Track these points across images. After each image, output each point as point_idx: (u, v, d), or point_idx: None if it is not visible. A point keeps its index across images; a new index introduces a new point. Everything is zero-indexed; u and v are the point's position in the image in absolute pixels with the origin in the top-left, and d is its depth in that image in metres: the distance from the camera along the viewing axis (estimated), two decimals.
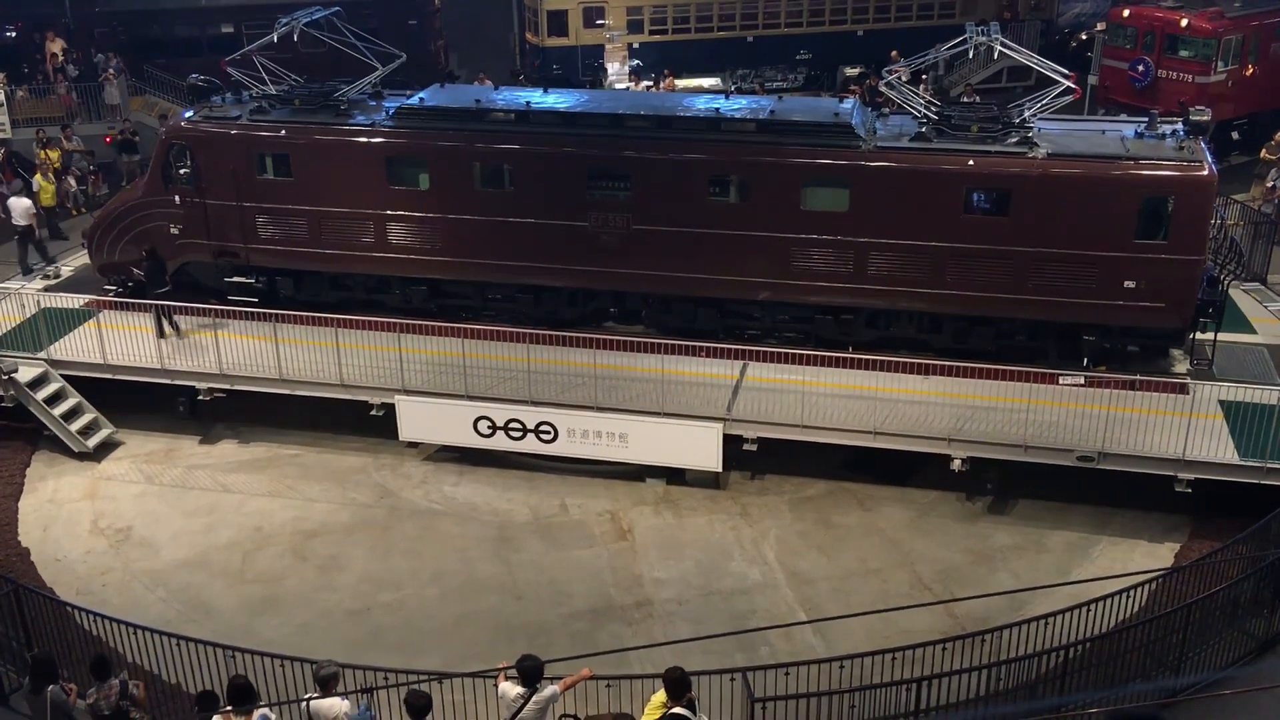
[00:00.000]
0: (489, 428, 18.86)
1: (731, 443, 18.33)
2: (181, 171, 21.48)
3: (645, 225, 20.02)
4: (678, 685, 11.54)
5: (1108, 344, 19.32)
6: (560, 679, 12.12)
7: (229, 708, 11.90)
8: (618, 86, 32.64)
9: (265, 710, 12.15)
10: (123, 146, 30.18)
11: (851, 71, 36.53)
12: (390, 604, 16.60)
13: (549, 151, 20.18)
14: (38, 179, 27.17)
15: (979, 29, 19.98)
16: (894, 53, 29.83)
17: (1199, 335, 19.55)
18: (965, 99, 28.40)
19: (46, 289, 22.73)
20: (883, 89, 20.64)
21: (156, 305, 20.40)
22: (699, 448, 18.34)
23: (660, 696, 11.69)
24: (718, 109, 20.38)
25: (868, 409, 18.05)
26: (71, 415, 20.08)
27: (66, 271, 24.05)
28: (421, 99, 21.35)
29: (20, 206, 25.17)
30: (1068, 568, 17.01)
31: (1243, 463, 16.87)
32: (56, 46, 33.39)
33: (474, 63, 38.29)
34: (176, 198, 21.54)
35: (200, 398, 20.18)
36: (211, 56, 28.45)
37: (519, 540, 17.92)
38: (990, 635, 13.76)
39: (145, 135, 30.77)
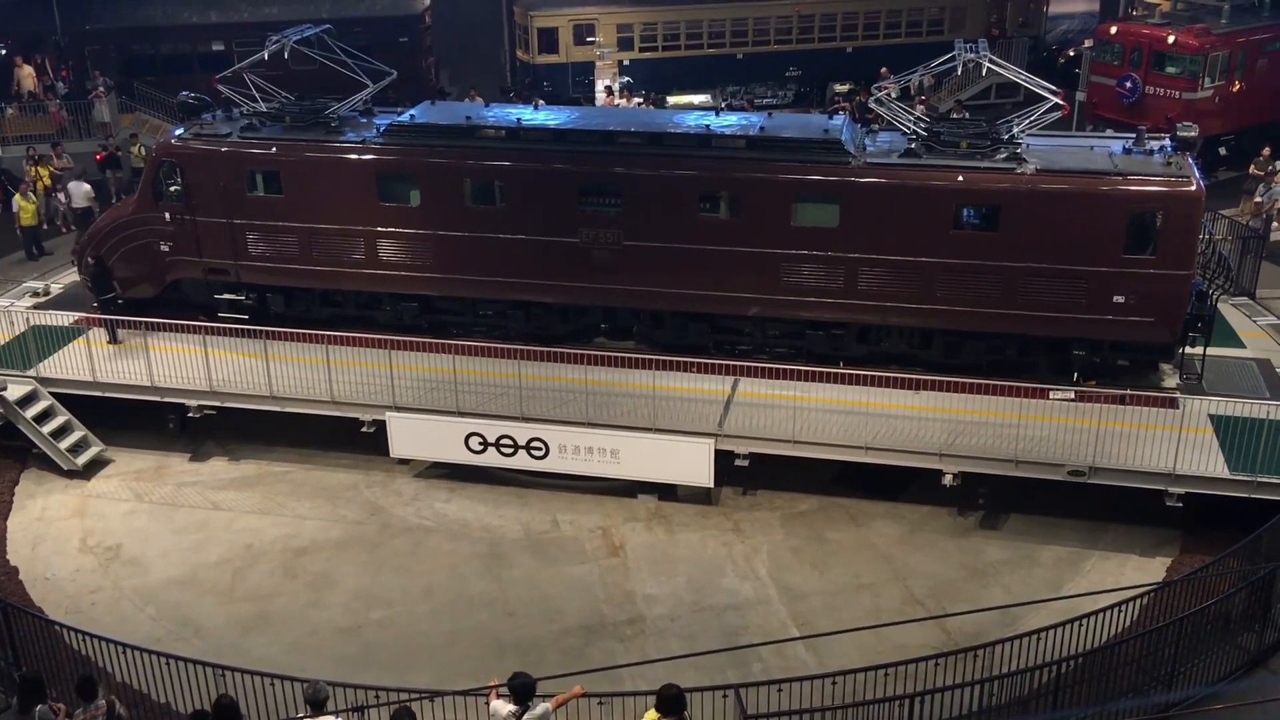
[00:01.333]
0: (480, 444, 18.83)
1: (723, 458, 18.33)
2: (172, 189, 21.45)
3: (636, 241, 20.05)
4: (671, 703, 11.50)
5: (1097, 358, 19.37)
6: (552, 696, 12.08)
7: None
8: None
9: None
10: (107, 163, 30.23)
11: (841, 88, 36.71)
12: (381, 621, 16.54)
13: (540, 168, 20.22)
14: (17, 199, 27.10)
15: (967, 46, 20.09)
16: (884, 69, 29.97)
17: (1188, 350, 19.61)
18: (954, 115, 28.54)
19: (36, 306, 22.67)
20: (872, 105, 20.72)
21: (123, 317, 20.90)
22: (690, 463, 18.33)
23: (651, 715, 11.64)
24: (708, 126, 20.44)
25: (859, 424, 18.07)
26: (61, 433, 20.01)
27: (56, 289, 23.97)
28: (412, 116, 21.38)
29: (80, 190, 27.20)
30: (1059, 582, 17.02)
31: (1233, 476, 16.90)
32: (26, 73, 33.22)
33: (465, 80, 38.38)
34: (167, 215, 21.51)
35: (190, 415, 20.14)
36: (202, 74, 28.49)
37: (510, 557, 17.87)
38: (982, 650, 13.75)
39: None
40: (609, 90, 34.27)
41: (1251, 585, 14.93)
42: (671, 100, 35.59)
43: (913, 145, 19.58)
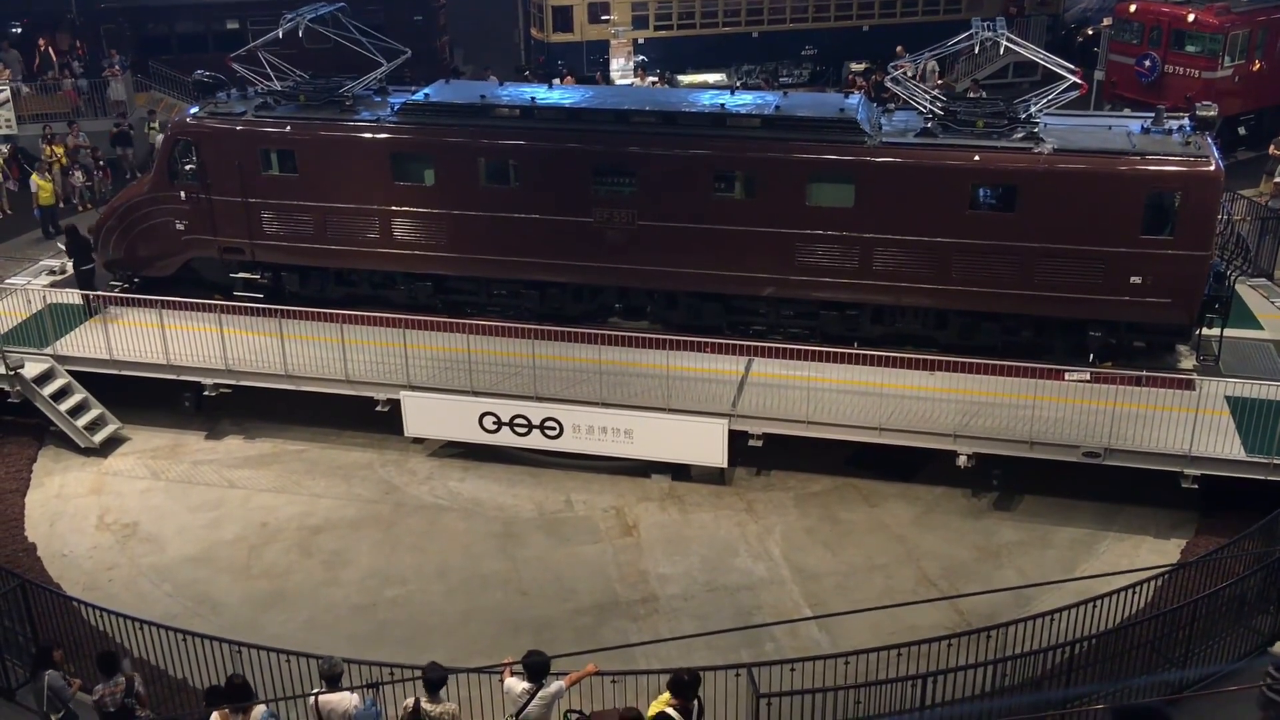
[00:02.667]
0: (494, 423, 18.87)
1: (737, 438, 18.32)
2: (187, 168, 21.49)
3: (650, 221, 20.01)
4: (683, 687, 11.50)
5: (1114, 340, 19.28)
6: (566, 674, 12.14)
7: (225, 707, 11.94)
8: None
9: (262, 707, 12.18)
10: (117, 139, 30.33)
11: (857, 67, 36.51)
12: (396, 599, 16.63)
13: (554, 147, 20.17)
14: (34, 179, 27.16)
15: (985, 24, 19.94)
16: (899, 48, 29.81)
17: (1205, 331, 19.50)
18: (971, 94, 28.35)
19: (53, 285, 22.76)
20: (888, 84, 20.59)
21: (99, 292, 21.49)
22: (704, 443, 18.34)
23: (664, 698, 11.65)
24: (723, 105, 20.35)
25: (873, 405, 18.04)
26: (78, 411, 20.12)
27: (73, 267, 24.03)
28: (426, 95, 21.35)
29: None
30: (1073, 564, 17.00)
31: (1249, 459, 16.83)
32: (13, 57, 32.98)
33: (479, 59, 38.30)
34: (182, 194, 21.56)
35: (206, 393, 20.22)
36: (217, 53, 28.50)
37: (524, 536, 17.93)
38: (996, 631, 13.76)
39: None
40: (565, 73, 33.62)
41: (1267, 567, 14.87)
42: (685, 80, 35.43)
43: (929, 125, 19.47)
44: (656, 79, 33.81)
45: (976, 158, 18.82)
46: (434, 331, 20.00)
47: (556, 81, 29.12)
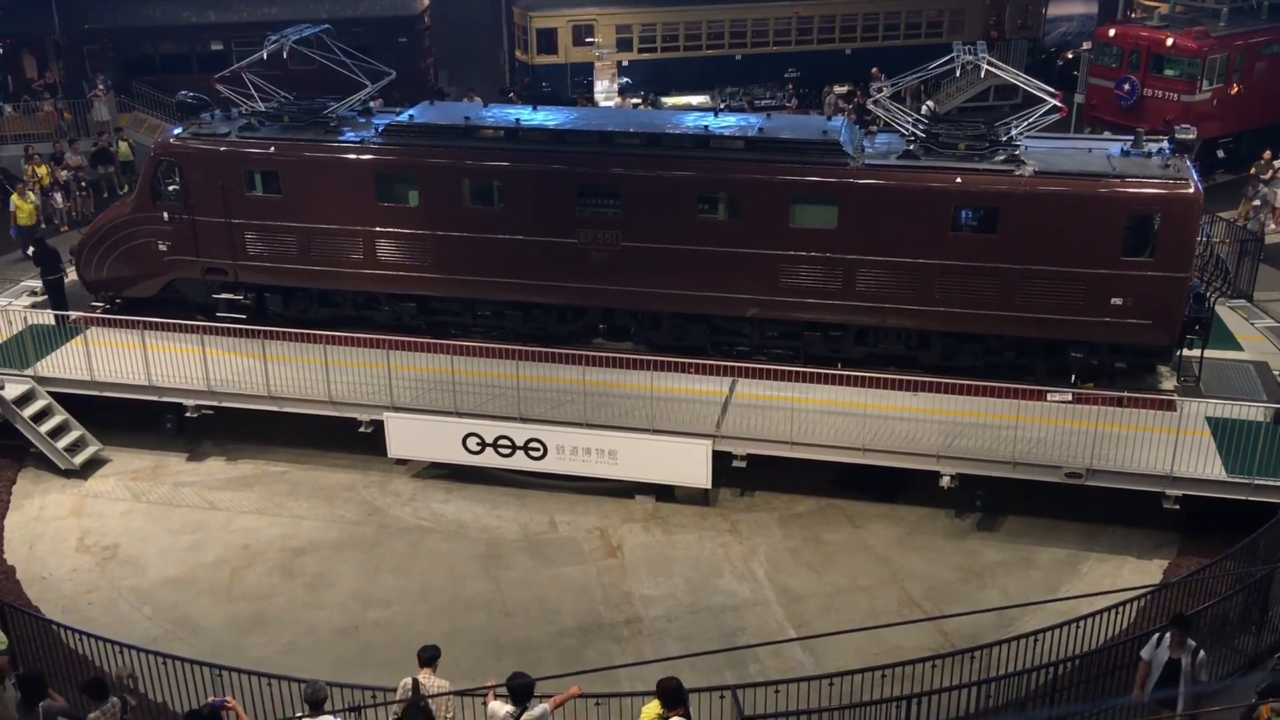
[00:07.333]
0: (478, 444, 18.83)
1: (721, 459, 18.34)
2: (170, 188, 21.44)
3: (634, 242, 20.05)
4: (671, 695, 11.48)
5: (1095, 361, 19.39)
6: (549, 697, 12.09)
7: None
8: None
9: None
10: (98, 157, 30.24)
11: (840, 90, 36.72)
12: (378, 622, 16.54)
13: (538, 169, 20.22)
14: (14, 199, 27.03)
15: (966, 48, 20.10)
16: (875, 70, 29.98)
17: (1186, 352, 19.63)
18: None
19: (34, 305, 22.65)
20: (870, 106, 20.73)
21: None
22: (688, 464, 18.34)
23: (654, 707, 11.63)
24: (706, 127, 20.44)
25: (857, 426, 18.07)
26: (58, 432, 19.99)
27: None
28: (411, 116, 21.38)
29: None
30: (1056, 584, 17.03)
31: (1230, 479, 16.91)
32: None
33: (463, 80, 38.38)
34: (165, 214, 21.51)
35: (188, 415, 20.13)
36: (201, 73, 28.48)
37: (508, 557, 17.87)
38: (979, 652, 13.76)
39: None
40: (507, 93, 33.69)
41: (1248, 588, 14.94)
42: (669, 102, 35.58)
43: (911, 147, 19.59)
44: (640, 101, 33.94)
45: (958, 180, 18.94)
46: (418, 352, 19.98)
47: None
